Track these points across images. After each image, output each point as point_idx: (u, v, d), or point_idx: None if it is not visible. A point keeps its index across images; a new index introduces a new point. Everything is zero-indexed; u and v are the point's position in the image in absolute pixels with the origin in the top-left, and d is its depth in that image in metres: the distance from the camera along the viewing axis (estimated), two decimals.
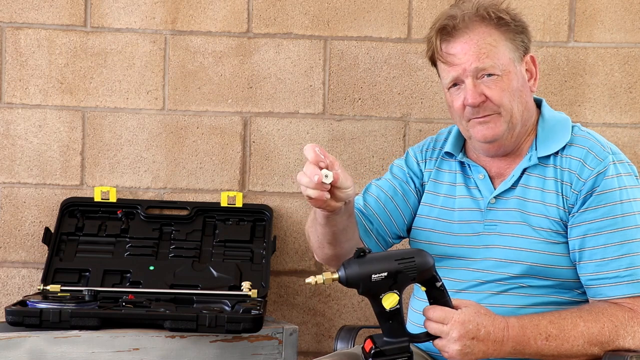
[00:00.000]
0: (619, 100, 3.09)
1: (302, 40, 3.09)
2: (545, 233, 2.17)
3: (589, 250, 2.14)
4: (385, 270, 1.94)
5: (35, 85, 3.07)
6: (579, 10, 3.09)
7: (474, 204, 2.28)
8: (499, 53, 2.19)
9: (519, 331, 2.05)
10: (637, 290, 2.12)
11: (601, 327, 2.08)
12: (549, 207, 2.18)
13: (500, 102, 2.19)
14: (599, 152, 2.18)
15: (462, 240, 2.26)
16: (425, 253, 1.99)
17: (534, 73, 2.26)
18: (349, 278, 1.94)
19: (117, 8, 3.07)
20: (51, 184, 3.08)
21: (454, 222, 2.29)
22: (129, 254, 2.96)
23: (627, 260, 2.12)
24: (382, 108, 3.10)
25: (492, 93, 2.19)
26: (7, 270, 3.07)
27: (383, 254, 1.99)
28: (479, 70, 2.19)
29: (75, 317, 2.54)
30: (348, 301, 3.11)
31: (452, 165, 2.36)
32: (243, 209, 3.06)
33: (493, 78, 2.19)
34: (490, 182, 2.28)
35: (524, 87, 2.23)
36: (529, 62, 2.25)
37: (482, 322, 2.01)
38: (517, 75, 2.21)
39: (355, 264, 1.94)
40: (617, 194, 2.15)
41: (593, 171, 2.16)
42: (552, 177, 2.20)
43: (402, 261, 1.95)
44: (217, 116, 3.10)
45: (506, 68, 2.19)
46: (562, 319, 2.08)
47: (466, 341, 1.99)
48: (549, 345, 2.06)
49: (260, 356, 2.60)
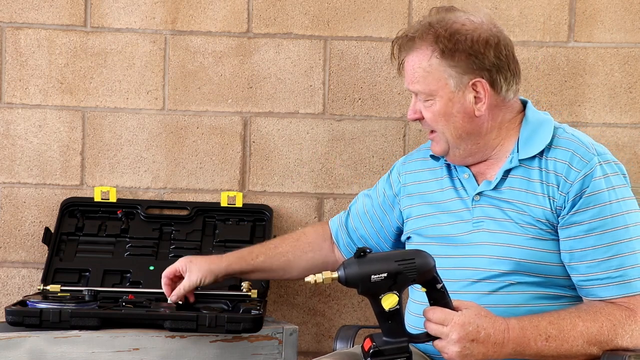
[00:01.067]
0: (619, 100, 3.09)
1: (302, 40, 3.09)
2: (534, 230, 2.18)
3: (579, 251, 2.15)
4: (385, 270, 1.94)
5: (35, 85, 3.07)
6: (579, 10, 3.09)
7: (462, 204, 2.29)
8: (431, 79, 2.21)
9: (519, 333, 2.05)
10: (629, 291, 2.12)
11: (600, 326, 2.08)
12: (533, 207, 2.18)
13: (432, 125, 2.25)
14: (584, 154, 2.18)
15: (453, 239, 2.27)
16: (426, 254, 1.98)
17: (483, 97, 2.21)
18: (348, 278, 1.94)
19: (117, 8, 3.07)
20: (51, 184, 3.08)
21: (445, 225, 2.30)
22: (129, 254, 2.96)
23: (617, 261, 2.12)
24: (382, 108, 3.10)
25: (426, 115, 2.25)
26: (7, 270, 3.07)
27: (383, 254, 1.99)
28: (412, 91, 2.25)
29: (75, 317, 2.54)
30: (348, 301, 3.11)
31: (439, 172, 2.36)
32: (243, 209, 3.06)
33: (428, 102, 2.23)
34: (474, 180, 2.29)
35: (462, 112, 2.21)
36: (478, 85, 2.20)
37: (483, 324, 2.01)
38: (453, 100, 2.21)
39: (355, 264, 1.94)
40: (606, 194, 2.15)
41: (580, 173, 2.16)
42: (538, 180, 2.20)
43: (402, 262, 1.95)
44: (217, 116, 3.10)
45: (438, 94, 2.21)
46: (561, 319, 2.08)
47: (466, 343, 2.00)
48: (549, 346, 2.06)
49: (260, 356, 2.60)
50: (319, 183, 3.11)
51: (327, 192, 3.11)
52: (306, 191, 3.11)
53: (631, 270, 2.12)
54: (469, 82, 2.20)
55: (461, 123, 2.22)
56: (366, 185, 3.08)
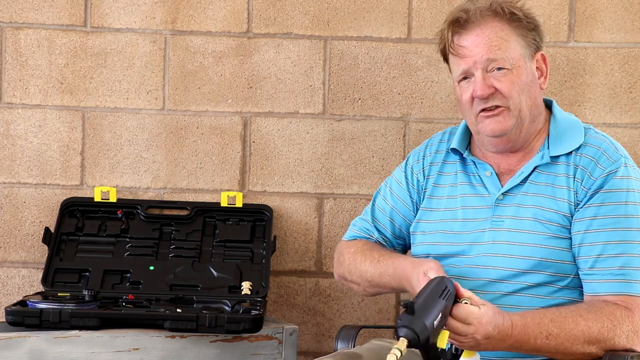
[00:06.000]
0: (619, 100, 3.09)
1: (302, 40, 3.09)
2: (555, 228, 2.18)
3: (587, 245, 2.15)
4: (439, 311, 1.89)
5: (35, 85, 3.07)
6: (579, 10, 3.09)
7: (480, 201, 2.28)
8: (510, 47, 2.22)
9: (521, 330, 2.06)
10: (629, 290, 2.12)
11: (601, 326, 2.08)
12: (559, 201, 2.19)
13: (509, 94, 2.21)
14: (612, 154, 2.20)
15: (467, 237, 2.26)
16: (443, 277, 1.98)
17: (544, 71, 2.28)
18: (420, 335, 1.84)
19: (117, 8, 3.07)
20: (51, 184, 3.08)
21: (457, 221, 2.29)
22: (129, 254, 2.95)
23: (623, 259, 2.13)
24: (382, 108, 3.10)
25: (502, 85, 2.21)
26: (7, 270, 3.07)
27: (427, 296, 1.92)
28: (489, 62, 2.21)
29: (75, 317, 2.54)
30: (348, 301, 3.11)
31: (452, 167, 2.36)
32: (243, 209, 3.06)
33: (503, 71, 2.21)
34: (497, 178, 2.28)
35: (534, 84, 2.25)
36: (540, 60, 2.27)
37: (498, 322, 2.03)
38: (527, 71, 2.23)
39: (416, 319, 1.85)
40: (624, 195, 2.16)
41: (604, 170, 2.18)
42: (564, 174, 2.21)
43: (443, 295, 1.92)
44: (217, 116, 3.10)
45: (516, 62, 2.21)
46: (563, 317, 2.08)
47: (483, 340, 2.01)
48: (549, 343, 2.07)
49: (260, 356, 2.60)
50: (319, 183, 3.11)
51: (327, 192, 3.11)
52: (306, 191, 3.11)
53: (635, 271, 2.13)
54: (534, 55, 2.25)
55: (534, 94, 2.24)
56: (366, 185, 3.08)
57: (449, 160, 2.38)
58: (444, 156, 2.39)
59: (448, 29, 2.25)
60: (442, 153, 2.40)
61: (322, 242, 3.11)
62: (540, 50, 2.27)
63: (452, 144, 2.36)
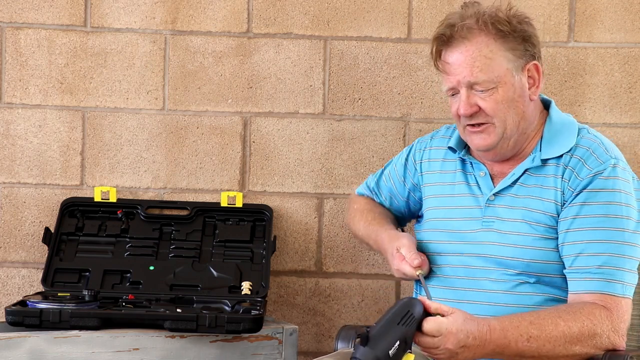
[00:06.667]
0: (619, 100, 3.09)
1: (302, 40, 3.09)
2: (542, 229, 2.18)
3: (569, 244, 2.15)
4: (396, 339, 1.90)
5: (35, 85, 3.07)
6: (579, 10, 3.09)
7: (474, 201, 2.29)
8: (494, 65, 2.18)
9: (500, 334, 2.03)
10: (608, 290, 2.11)
11: (581, 325, 2.07)
12: (546, 202, 2.19)
13: (493, 113, 2.20)
14: (600, 155, 2.19)
15: (461, 237, 2.27)
16: (413, 299, 1.96)
17: (536, 80, 2.24)
18: None
19: (117, 8, 3.07)
20: (51, 184, 3.08)
21: (454, 220, 2.30)
22: (129, 254, 2.95)
23: (603, 258, 2.12)
24: (382, 108, 3.10)
25: (486, 105, 2.20)
26: (7, 270, 3.07)
27: (383, 324, 1.93)
28: (471, 84, 2.20)
29: (75, 317, 2.54)
30: (348, 301, 3.11)
31: (452, 165, 2.37)
32: (243, 209, 3.06)
33: (488, 92, 2.19)
34: (490, 179, 2.29)
35: (522, 97, 2.22)
36: (532, 69, 2.23)
37: (470, 328, 2.00)
38: (514, 85, 2.20)
39: (369, 351, 1.87)
40: (609, 194, 2.15)
41: (591, 171, 2.17)
42: (553, 175, 2.21)
43: (404, 321, 1.92)
44: (217, 116, 3.10)
45: (502, 79, 2.19)
46: (542, 319, 2.07)
47: (457, 349, 1.99)
48: (530, 346, 2.05)
49: (260, 356, 2.60)
50: (319, 183, 3.11)
51: (327, 192, 3.11)
52: (306, 191, 3.11)
53: (616, 271, 2.12)
54: (525, 66, 2.21)
55: (521, 109, 2.22)
56: None
57: (449, 158, 2.39)
58: (444, 154, 2.40)
59: (433, 43, 2.24)
60: (443, 150, 2.41)
61: (322, 242, 3.11)
62: (534, 59, 2.23)
63: (450, 142, 2.37)
